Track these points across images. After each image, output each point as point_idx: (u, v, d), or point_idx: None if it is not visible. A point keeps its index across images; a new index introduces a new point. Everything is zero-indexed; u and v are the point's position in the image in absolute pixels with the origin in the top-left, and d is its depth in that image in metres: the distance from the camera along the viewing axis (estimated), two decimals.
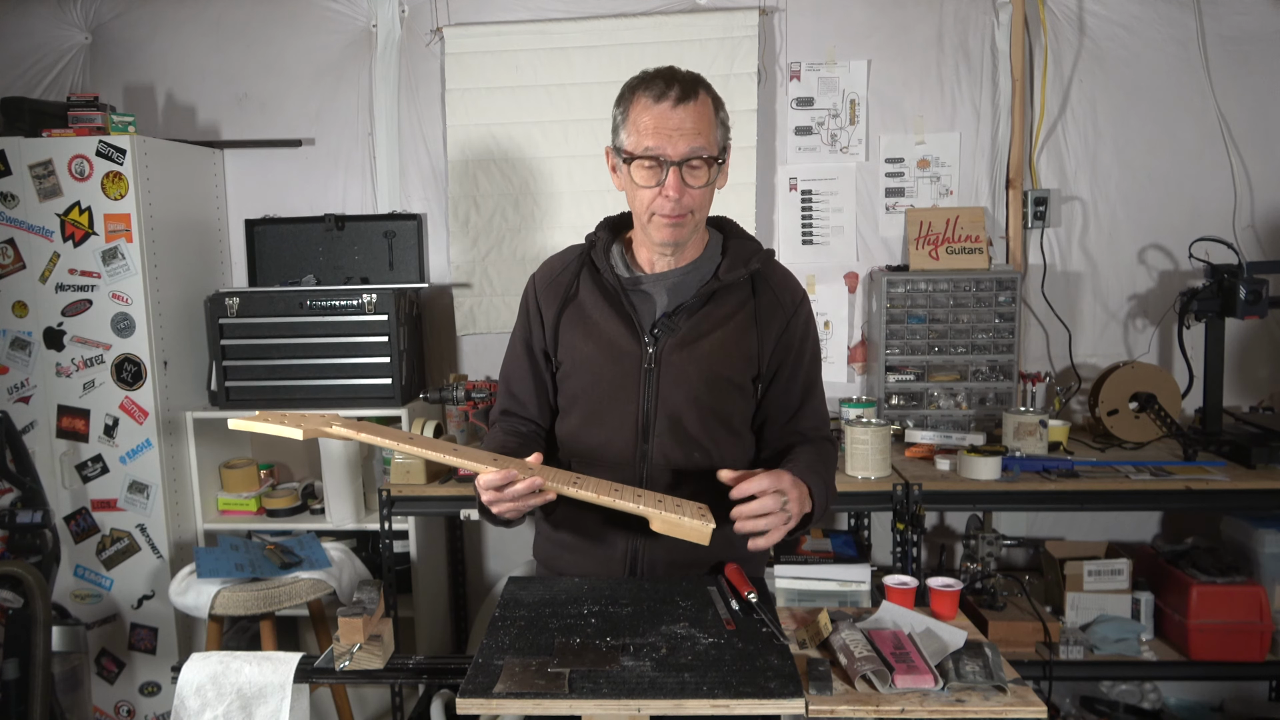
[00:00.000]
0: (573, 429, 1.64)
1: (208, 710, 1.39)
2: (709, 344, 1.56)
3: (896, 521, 2.49)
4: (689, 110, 1.46)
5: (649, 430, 1.57)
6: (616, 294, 1.58)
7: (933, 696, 1.29)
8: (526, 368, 1.68)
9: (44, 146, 2.75)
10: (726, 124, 1.54)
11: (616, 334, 1.57)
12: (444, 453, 1.42)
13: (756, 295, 1.61)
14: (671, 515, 1.37)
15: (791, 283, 1.66)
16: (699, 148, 1.46)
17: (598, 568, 1.62)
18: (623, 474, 1.58)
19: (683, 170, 1.46)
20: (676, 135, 1.45)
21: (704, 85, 1.50)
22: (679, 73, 1.49)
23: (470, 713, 1.21)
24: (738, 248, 1.62)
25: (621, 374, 1.57)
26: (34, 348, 2.84)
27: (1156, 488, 2.45)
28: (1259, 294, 2.60)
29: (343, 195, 3.22)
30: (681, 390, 1.56)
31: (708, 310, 1.58)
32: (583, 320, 1.60)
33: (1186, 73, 2.96)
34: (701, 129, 1.46)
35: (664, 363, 1.56)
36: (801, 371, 1.64)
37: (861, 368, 3.15)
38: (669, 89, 1.46)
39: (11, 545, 2.51)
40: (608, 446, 1.59)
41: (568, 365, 1.62)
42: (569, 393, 1.64)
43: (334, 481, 2.88)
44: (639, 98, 1.48)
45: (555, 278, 1.65)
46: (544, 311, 1.64)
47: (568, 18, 3.05)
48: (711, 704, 1.20)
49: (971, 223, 3.00)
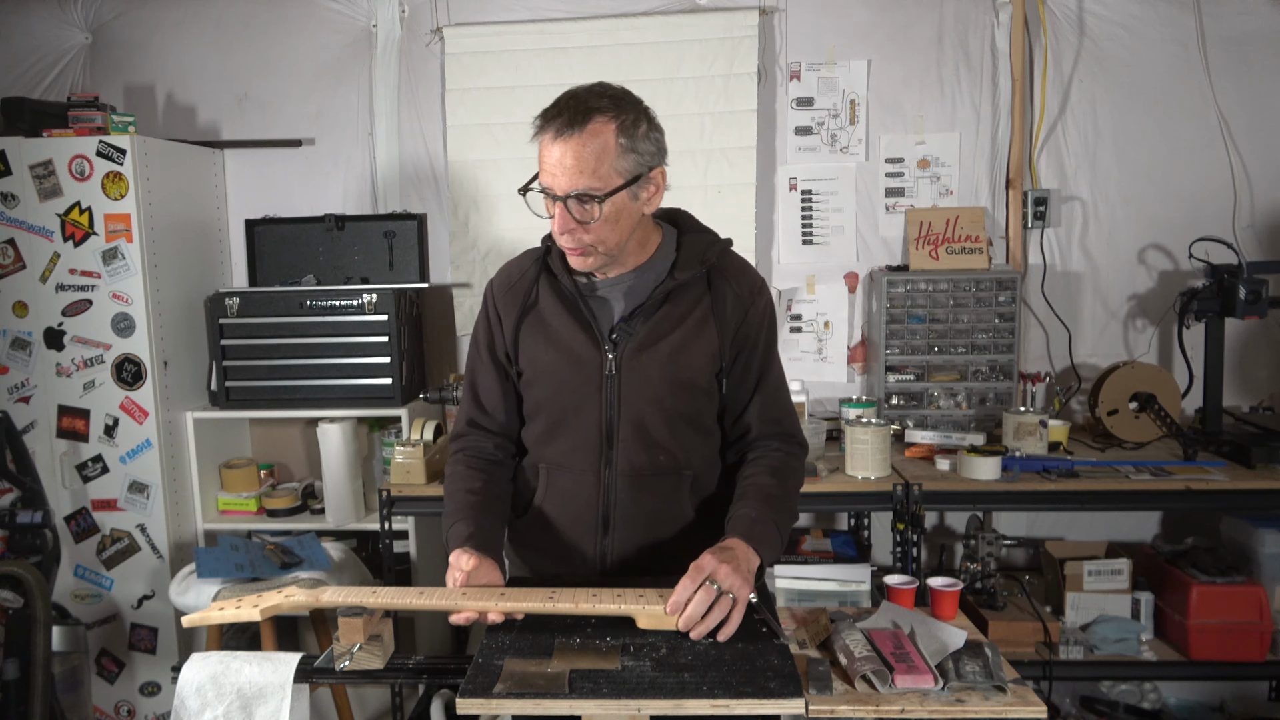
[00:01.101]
0: (538, 437, 1.63)
1: (208, 710, 1.39)
2: (668, 345, 1.54)
3: (896, 521, 2.49)
4: (570, 145, 1.38)
5: (613, 436, 1.55)
6: (574, 300, 1.56)
7: (933, 696, 1.29)
8: (494, 375, 1.65)
9: (44, 146, 2.75)
10: (642, 149, 1.43)
11: (576, 341, 1.55)
12: (410, 599, 1.40)
13: (713, 290, 1.56)
14: (655, 608, 1.36)
15: (749, 273, 1.62)
16: (579, 186, 1.39)
17: (570, 570, 1.61)
18: (587, 480, 1.57)
19: (569, 205, 1.41)
20: (558, 171, 1.40)
21: (607, 110, 1.40)
22: (579, 100, 1.41)
23: (470, 713, 1.21)
24: (692, 243, 1.58)
25: (584, 381, 1.55)
26: (34, 348, 2.84)
27: (1156, 488, 2.45)
28: (1259, 294, 2.60)
29: (343, 195, 3.22)
30: (644, 394, 1.53)
31: (665, 311, 1.55)
32: (543, 328, 1.58)
33: (1186, 73, 2.96)
34: (585, 165, 1.38)
35: (625, 368, 1.53)
36: (756, 361, 1.60)
37: (861, 368, 3.15)
38: (555, 118, 1.40)
39: (11, 545, 2.51)
40: (573, 454, 1.58)
41: (530, 374, 1.60)
42: (533, 401, 1.62)
43: (334, 481, 2.88)
44: (538, 123, 1.43)
45: (513, 284, 1.63)
46: (504, 319, 1.62)
47: (568, 18, 3.05)
48: (711, 704, 1.20)
49: (971, 223, 3.00)
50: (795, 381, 2.90)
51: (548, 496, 1.62)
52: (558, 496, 1.61)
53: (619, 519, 1.57)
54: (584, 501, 1.58)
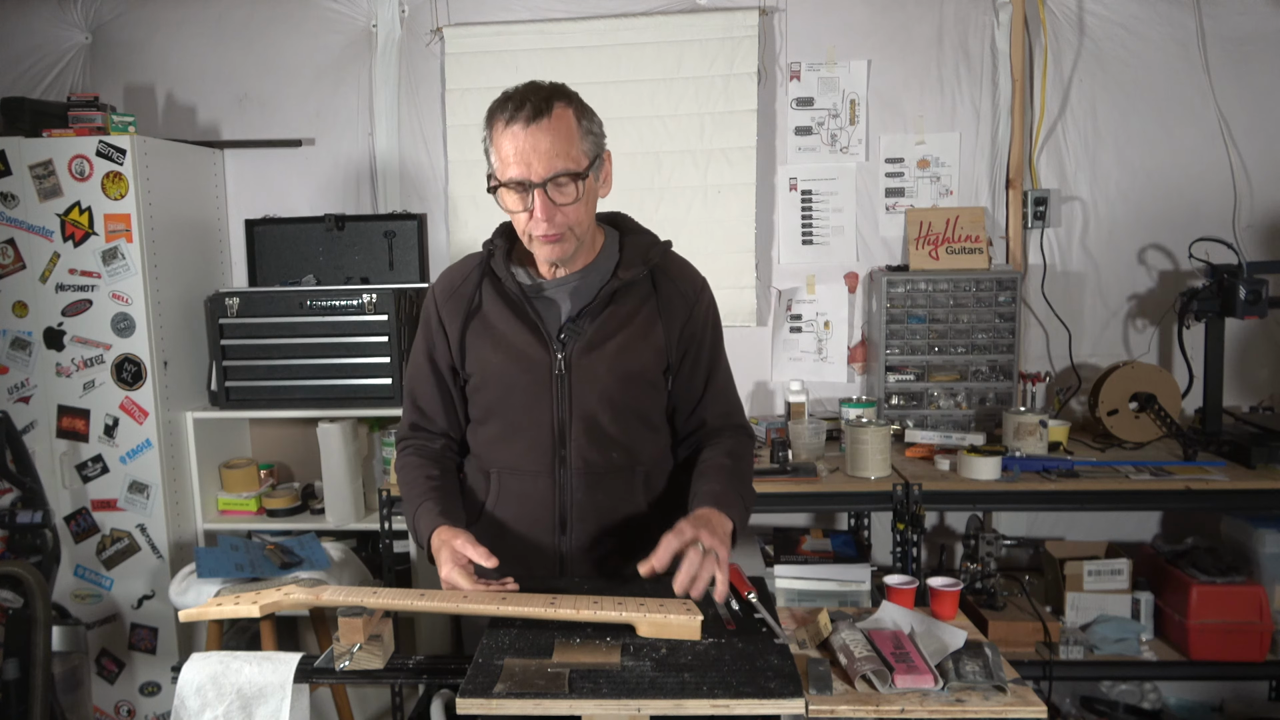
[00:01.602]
0: (489, 440, 1.64)
1: (208, 710, 1.39)
2: (616, 344, 1.56)
3: (896, 521, 2.49)
4: (543, 129, 1.42)
5: (565, 435, 1.57)
6: (520, 303, 1.57)
7: (933, 696, 1.29)
8: (431, 382, 1.66)
9: (44, 146, 2.75)
10: (596, 132, 1.49)
11: (524, 343, 1.56)
12: (411, 600, 1.42)
13: (658, 289, 1.60)
14: (657, 616, 1.36)
15: (690, 272, 1.65)
16: (559, 167, 1.42)
17: (528, 570, 1.60)
18: (542, 481, 1.58)
19: (548, 190, 1.43)
20: (534, 158, 1.42)
21: (561, 96, 1.46)
22: (534, 89, 1.46)
23: (470, 713, 1.21)
24: (634, 244, 1.61)
25: (533, 382, 1.56)
26: (34, 348, 2.84)
27: (1156, 488, 2.45)
28: (1259, 294, 2.60)
29: (343, 195, 3.22)
30: (594, 393, 1.55)
31: (611, 310, 1.57)
32: (489, 331, 1.59)
33: (1186, 73, 2.96)
34: (560, 148, 1.42)
35: (574, 367, 1.55)
36: (704, 358, 1.64)
37: (861, 368, 3.15)
38: (520, 110, 1.42)
39: (11, 545, 2.51)
40: (526, 455, 1.59)
41: (478, 378, 1.61)
42: (482, 404, 1.63)
43: (334, 481, 2.88)
44: (496, 122, 1.46)
45: (456, 289, 1.63)
46: (447, 325, 1.62)
47: (568, 18, 3.05)
48: (711, 704, 1.20)
49: (971, 223, 3.00)
50: (795, 381, 2.91)
51: (500, 501, 1.63)
52: (511, 500, 1.62)
53: (576, 517, 1.59)
54: (539, 502, 1.59)
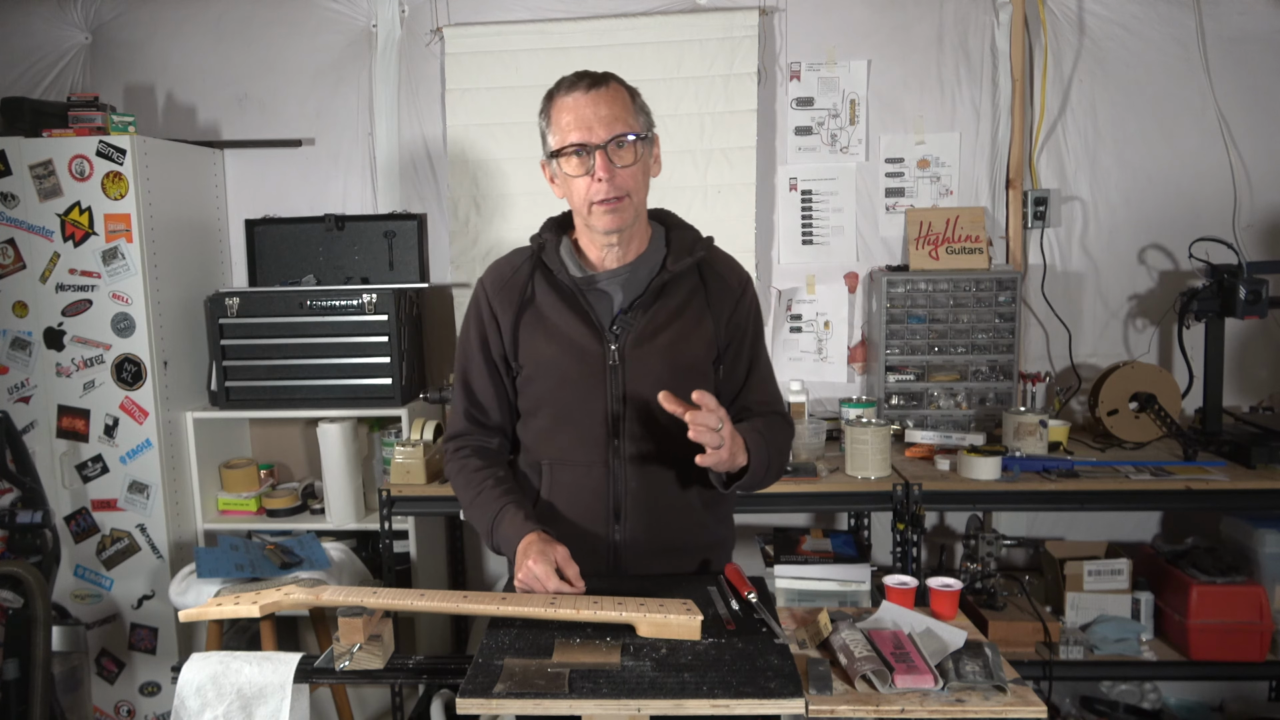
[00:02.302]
0: (541, 432, 1.65)
1: (208, 710, 1.39)
2: (668, 335, 1.59)
3: (896, 521, 2.49)
4: (601, 95, 1.51)
5: (619, 426, 1.59)
6: (573, 294, 1.60)
7: (933, 696, 1.29)
8: (485, 374, 1.67)
9: (44, 146, 2.75)
10: (648, 112, 1.58)
11: (577, 334, 1.59)
12: (411, 600, 1.45)
13: (705, 282, 1.65)
14: (657, 616, 1.36)
15: (735, 266, 1.71)
16: (619, 130, 1.50)
17: (584, 564, 1.61)
18: (596, 472, 1.60)
19: (608, 152, 1.50)
20: (594, 121, 1.50)
21: (615, 77, 1.56)
22: (589, 70, 1.55)
23: (470, 713, 1.21)
24: (680, 238, 1.65)
25: (587, 373, 1.58)
26: (34, 348, 2.84)
27: (1156, 488, 2.45)
28: (1259, 294, 2.60)
29: (343, 195, 3.22)
30: (648, 383, 1.57)
31: (662, 302, 1.61)
32: (542, 323, 1.61)
33: (1186, 73, 2.96)
34: (618, 113, 1.51)
35: (628, 358, 1.58)
36: (747, 348, 1.68)
37: (861, 368, 3.15)
38: (579, 81, 1.52)
39: (11, 545, 2.51)
40: (579, 446, 1.61)
41: (530, 369, 1.63)
42: (534, 396, 1.64)
43: (334, 481, 2.88)
44: (555, 100, 1.54)
45: (507, 281, 1.65)
46: (500, 316, 1.64)
47: (568, 18, 3.05)
48: (711, 704, 1.20)
49: (971, 223, 3.00)
50: (795, 381, 2.91)
51: (553, 492, 1.64)
52: (564, 491, 1.63)
53: (631, 507, 1.60)
54: (593, 493, 1.61)
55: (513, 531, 1.53)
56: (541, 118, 1.57)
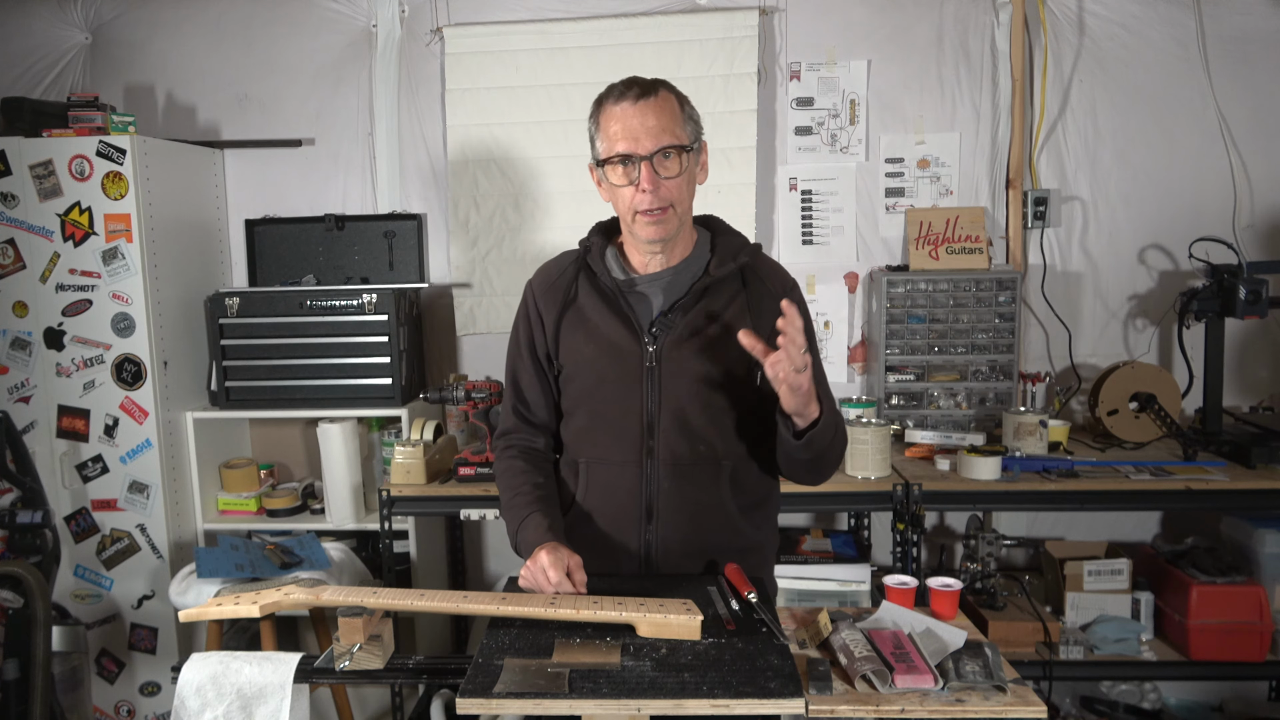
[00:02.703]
0: (579, 430, 1.67)
1: (208, 710, 1.39)
2: (706, 339, 1.60)
3: (896, 521, 2.49)
4: (650, 105, 1.51)
5: (654, 427, 1.60)
6: (614, 296, 1.62)
7: (933, 696, 1.29)
8: (532, 371, 1.70)
9: (44, 146, 2.75)
10: (696, 120, 1.58)
11: (617, 335, 1.61)
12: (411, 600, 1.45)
13: (747, 287, 1.65)
14: (656, 616, 1.36)
15: (780, 272, 1.71)
16: (666, 141, 1.50)
17: (616, 564, 1.64)
18: (629, 472, 1.61)
19: (654, 163, 1.51)
20: (641, 132, 1.50)
21: (665, 85, 1.55)
22: (639, 77, 1.55)
23: (470, 713, 1.21)
24: (725, 243, 1.66)
25: (624, 374, 1.60)
26: (34, 348, 2.84)
27: (1156, 488, 2.45)
28: (1259, 294, 2.60)
29: (343, 195, 3.22)
30: (684, 386, 1.59)
31: (702, 306, 1.61)
32: (583, 323, 1.64)
33: (1186, 73, 2.96)
34: (666, 124, 1.51)
35: (665, 360, 1.59)
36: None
37: (861, 368, 3.15)
38: (628, 90, 1.52)
39: (11, 545, 2.51)
40: (614, 446, 1.62)
41: (570, 368, 1.65)
42: (573, 395, 1.67)
43: (334, 481, 2.88)
44: (604, 107, 1.55)
45: (553, 282, 1.68)
46: (544, 316, 1.67)
47: (568, 18, 3.05)
48: (711, 704, 1.20)
49: (971, 223, 3.00)
50: None
51: (589, 492, 1.66)
52: (599, 490, 1.65)
53: (663, 508, 1.61)
54: (626, 493, 1.62)
55: (534, 538, 1.54)
56: (591, 122, 1.58)
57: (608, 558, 1.63)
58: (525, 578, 1.50)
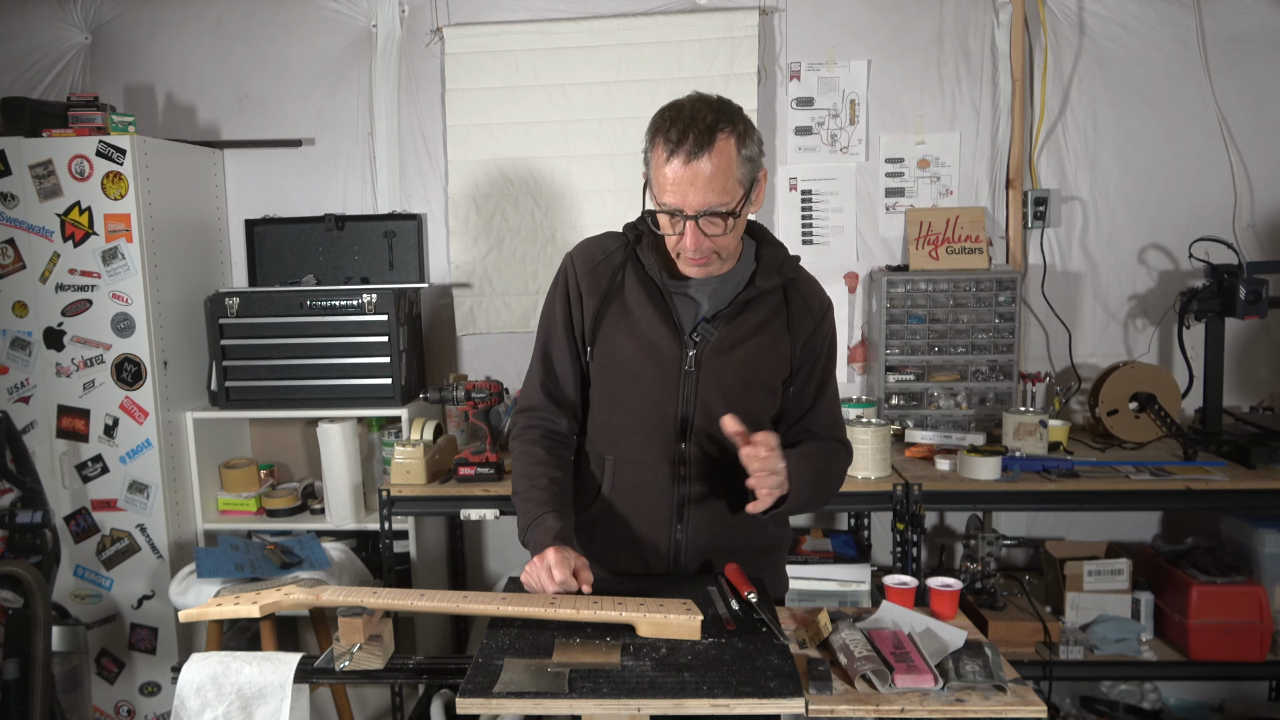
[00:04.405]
0: (610, 427, 1.66)
1: (208, 710, 1.39)
2: (745, 350, 1.60)
3: (896, 521, 2.49)
4: (702, 165, 1.43)
5: (688, 430, 1.61)
6: (661, 294, 1.61)
7: (933, 696, 1.29)
8: (566, 347, 1.67)
9: (44, 146, 2.75)
10: (755, 158, 1.51)
11: (658, 335, 1.60)
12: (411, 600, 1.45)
13: (788, 302, 1.65)
14: (656, 616, 1.37)
15: (819, 290, 1.71)
16: (713, 203, 1.45)
17: (645, 563, 1.65)
18: (661, 472, 1.62)
19: (700, 222, 1.47)
20: (690, 191, 1.45)
21: (724, 127, 1.45)
22: (698, 119, 1.45)
23: (470, 713, 1.21)
24: (770, 255, 1.65)
25: (663, 375, 1.60)
26: (34, 348, 2.84)
27: (1156, 488, 2.45)
28: (1259, 294, 2.60)
29: (343, 195, 3.22)
30: (719, 393, 1.59)
31: (744, 316, 1.61)
32: (625, 317, 1.62)
33: (1186, 73, 2.96)
34: (717, 183, 1.44)
35: (704, 366, 1.59)
36: (818, 373, 1.69)
37: (861, 368, 3.15)
38: (683, 142, 1.43)
39: (11, 545, 2.51)
40: (646, 446, 1.62)
41: (605, 360, 1.63)
42: (608, 390, 1.65)
43: (334, 481, 2.88)
44: (658, 144, 1.48)
45: (596, 265, 1.65)
46: (585, 297, 1.64)
47: (568, 18, 3.05)
48: (711, 704, 1.20)
49: (971, 223, 3.00)
50: None
51: (616, 489, 1.66)
52: (629, 489, 1.65)
53: (694, 509, 1.62)
54: (658, 492, 1.62)
55: (544, 540, 1.53)
56: (647, 140, 1.52)
57: (635, 554, 1.65)
58: (528, 576, 1.50)
